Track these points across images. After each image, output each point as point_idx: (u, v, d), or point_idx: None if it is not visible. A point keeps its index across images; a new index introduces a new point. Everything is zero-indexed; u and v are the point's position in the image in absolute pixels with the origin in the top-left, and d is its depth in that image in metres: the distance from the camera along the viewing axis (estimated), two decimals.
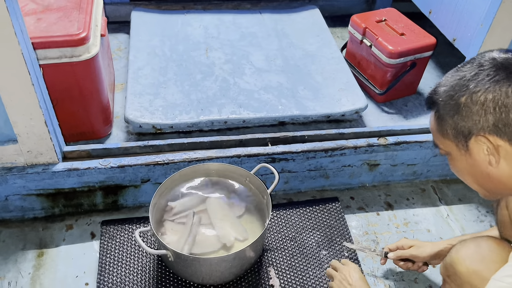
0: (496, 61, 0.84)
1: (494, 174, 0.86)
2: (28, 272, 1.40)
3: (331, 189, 1.72)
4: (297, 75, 2.00)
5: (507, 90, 0.80)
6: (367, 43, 2.00)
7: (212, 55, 2.06)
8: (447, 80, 0.89)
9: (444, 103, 0.88)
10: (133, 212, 1.59)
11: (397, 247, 1.36)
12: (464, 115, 0.84)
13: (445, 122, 0.88)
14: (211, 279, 1.34)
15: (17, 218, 1.54)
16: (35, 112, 1.29)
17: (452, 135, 0.88)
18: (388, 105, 2.06)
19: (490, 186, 0.90)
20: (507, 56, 0.85)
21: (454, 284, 1.03)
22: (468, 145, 0.86)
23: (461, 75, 0.86)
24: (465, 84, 0.84)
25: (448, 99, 0.87)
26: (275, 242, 1.50)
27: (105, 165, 1.45)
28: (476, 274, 0.97)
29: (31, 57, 1.25)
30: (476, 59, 0.87)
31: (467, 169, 0.90)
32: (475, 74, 0.84)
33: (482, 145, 0.84)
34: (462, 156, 0.89)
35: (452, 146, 0.90)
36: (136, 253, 1.44)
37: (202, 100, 1.83)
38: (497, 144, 0.83)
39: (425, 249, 1.30)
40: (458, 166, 0.92)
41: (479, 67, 0.85)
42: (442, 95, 0.88)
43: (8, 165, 1.41)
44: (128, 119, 1.72)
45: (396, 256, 1.34)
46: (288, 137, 1.62)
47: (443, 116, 0.88)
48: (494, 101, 0.81)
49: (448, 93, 0.87)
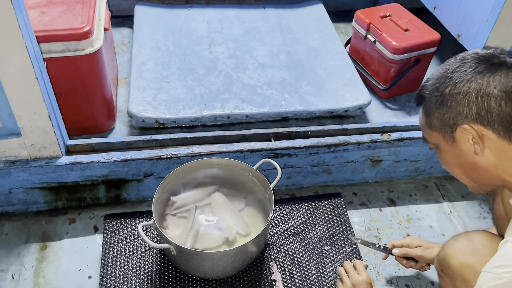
0: (478, 55, 0.89)
1: (480, 163, 0.89)
2: (31, 265, 1.41)
3: (333, 185, 1.72)
4: (301, 70, 1.99)
5: (488, 79, 0.84)
6: (371, 38, 2.00)
7: (216, 50, 2.06)
8: (433, 75, 0.93)
9: (430, 95, 0.92)
10: (136, 206, 1.59)
11: (402, 244, 1.34)
12: (449, 105, 0.88)
13: (432, 114, 0.92)
14: (213, 274, 1.34)
15: (21, 211, 1.54)
16: (39, 105, 1.30)
17: (438, 126, 0.91)
18: (391, 101, 2.06)
19: (477, 176, 0.92)
20: (489, 51, 0.89)
21: (448, 277, 1.04)
22: (454, 136, 0.90)
23: (446, 68, 0.91)
24: (449, 76, 0.89)
25: (434, 91, 0.91)
26: (277, 237, 1.50)
27: (108, 159, 1.46)
28: (468, 267, 0.98)
29: (35, 51, 1.25)
30: (461, 54, 0.92)
31: (455, 160, 0.93)
32: (458, 67, 0.88)
33: (467, 134, 0.87)
34: (449, 147, 0.92)
35: (439, 138, 0.93)
36: (139, 247, 1.44)
37: (205, 95, 1.82)
38: (481, 133, 0.86)
39: (433, 250, 1.27)
40: (446, 158, 0.96)
41: (462, 60, 0.89)
42: (428, 88, 0.92)
43: (11, 158, 1.41)
44: (131, 114, 1.72)
45: (401, 254, 1.32)
46: (291, 133, 1.62)
47: (430, 109, 0.92)
48: (476, 91, 0.85)
49: (434, 86, 0.91)
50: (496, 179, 0.90)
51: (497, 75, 0.85)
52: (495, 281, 0.79)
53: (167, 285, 1.35)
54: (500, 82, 0.84)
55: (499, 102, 0.83)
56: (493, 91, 0.84)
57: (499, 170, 0.88)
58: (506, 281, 0.77)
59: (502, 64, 0.86)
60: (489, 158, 0.87)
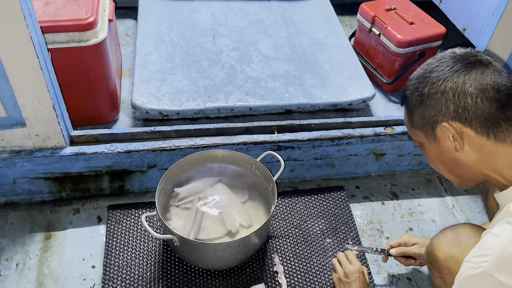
0: (455, 54, 0.92)
1: (461, 159, 0.91)
2: (35, 254, 1.42)
3: (336, 178, 1.73)
4: (305, 63, 1.99)
5: (464, 78, 0.87)
6: (375, 31, 1.99)
7: (220, 42, 2.06)
8: (414, 75, 0.96)
9: (411, 95, 0.94)
10: (139, 197, 1.60)
11: (399, 243, 1.36)
12: (428, 104, 0.91)
13: (414, 113, 0.94)
14: (216, 264, 1.35)
15: (25, 201, 1.55)
16: (44, 96, 1.30)
17: (420, 125, 0.94)
18: (395, 94, 2.05)
19: (460, 172, 0.95)
20: (466, 51, 0.92)
21: (435, 269, 1.06)
22: (435, 133, 0.92)
23: (425, 68, 0.93)
24: (427, 75, 0.91)
25: (414, 91, 0.93)
26: (280, 229, 1.51)
27: (112, 150, 1.46)
28: (452, 259, 1.01)
29: (39, 41, 1.25)
30: (439, 54, 0.94)
31: (438, 157, 0.96)
32: (436, 66, 0.91)
33: (447, 132, 0.90)
34: (432, 144, 0.95)
35: (422, 136, 0.96)
36: (142, 238, 1.45)
37: (209, 87, 1.82)
38: (460, 130, 0.88)
39: None
40: (429, 155, 0.98)
41: (440, 59, 0.92)
42: (410, 88, 0.95)
43: (16, 149, 1.42)
44: (135, 105, 1.73)
45: (399, 253, 1.35)
46: (294, 125, 1.62)
47: (412, 108, 0.95)
48: (453, 89, 0.87)
49: (414, 86, 0.94)
50: (477, 175, 0.93)
51: (472, 73, 0.87)
52: (473, 270, 0.81)
53: (170, 275, 1.36)
54: (476, 80, 0.86)
55: (475, 100, 0.86)
56: (469, 89, 0.86)
57: (479, 166, 0.91)
58: (483, 271, 0.79)
59: (478, 62, 0.89)
60: (469, 154, 0.90)
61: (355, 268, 1.24)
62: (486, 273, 0.79)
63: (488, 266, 0.79)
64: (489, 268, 0.79)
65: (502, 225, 0.85)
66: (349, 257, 1.29)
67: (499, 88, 0.86)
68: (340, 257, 1.31)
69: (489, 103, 0.86)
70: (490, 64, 0.89)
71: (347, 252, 1.31)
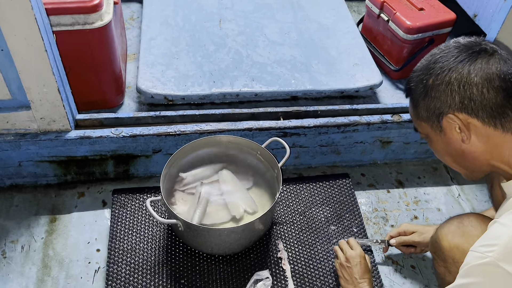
0: (459, 43, 0.90)
1: (467, 150, 0.90)
2: (41, 236, 1.43)
3: (342, 165, 1.72)
4: (312, 49, 1.96)
5: (469, 68, 0.85)
6: (384, 17, 1.95)
7: (225, 27, 2.03)
8: (418, 66, 0.94)
9: (415, 87, 0.93)
10: (144, 182, 1.60)
11: (398, 233, 1.38)
12: (433, 96, 0.89)
13: (419, 105, 0.93)
14: (220, 250, 1.35)
15: (30, 184, 1.56)
16: (48, 78, 1.29)
17: (425, 117, 0.93)
18: (403, 82, 2.03)
19: (467, 163, 0.94)
20: (470, 40, 0.90)
21: (440, 259, 1.06)
22: (441, 125, 0.91)
23: (429, 59, 0.92)
24: (432, 66, 0.90)
25: (419, 83, 0.92)
26: (284, 216, 1.51)
27: (117, 134, 1.46)
28: (457, 248, 1.00)
29: (44, 23, 1.24)
30: (443, 44, 0.93)
31: (444, 149, 0.94)
32: (440, 57, 0.89)
33: (453, 123, 0.88)
34: (438, 136, 0.93)
35: (427, 128, 0.95)
36: (147, 222, 1.46)
37: (214, 72, 1.81)
38: (466, 121, 0.87)
39: (428, 235, 1.31)
40: (436, 147, 0.97)
41: (444, 50, 0.90)
42: (414, 80, 0.94)
43: (21, 131, 1.42)
44: (140, 89, 1.72)
45: (399, 243, 1.36)
46: (300, 112, 1.60)
47: (417, 100, 0.93)
48: (458, 80, 0.86)
49: (418, 77, 0.92)
50: (485, 165, 0.92)
51: (477, 63, 0.85)
52: (479, 260, 0.80)
53: (174, 260, 1.37)
54: (481, 69, 0.85)
55: (480, 90, 0.84)
56: (474, 79, 0.85)
57: (486, 156, 0.90)
58: (490, 261, 0.78)
59: (482, 51, 0.87)
60: (476, 145, 0.89)
61: (356, 253, 1.26)
62: (493, 263, 0.78)
63: (495, 256, 0.78)
64: (495, 258, 0.78)
65: (509, 215, 0.85)
66: (350, 243, 1.31)
67: (505, 77, 0.85)
68: (341, 243, 1.32)
69: (495, 92, 0.84)
70: (495, 52, 0.87)
71: (349, 239, 1.33)
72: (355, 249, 1.28)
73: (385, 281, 1.38)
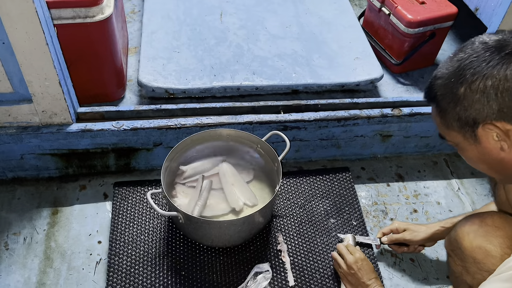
0: (488, 45, 0.82)
1: (507, 158, 0.84)
2: (43, 229, 1.44)
3: (342, 159, 1.72)
4: (313, 43, 1.96)
5: (505, 73, 0.77)
6: (385, 11, 1.95)
7: (227, 20, 2.03)
8: (442, 72, 0.86)
9: (443, 96, 0.85)
10: (145, 175, 1.61)
11: (390, 230, 1.37)
12: (466, 105, 0.82)
13: (448, 114, 0.86)
14: (220, 242, 1.37)
15: (32, 177, 1.57)
16: (50, 72, 1.30)
17: (457, 126, 0.86)
18: (404, 76, 2.03)
19: (506, 170, 0.88)
20: (498, 38, 0.82)
21: (457, 258, 1.03)
22: (476, 134, 0.84)
23: (456, 65, 0.83)
24: (462, 73, 0.82)
25: (447, 92, 0.84)
26: (284, 209, 1.52)
27: (118, 127, 1.46)
28: (479, 249, 0.97)
29: (45, 16, 1.24)
30: (467, 47, 0.84)
31: (479, 157, 0.88)
32: (469, 63, 0.81)
33: (491, 132, 0.82)
34: (472, 145, 0.87)
35: (459, 137, 0.88)
36: (148, 215, 1.47)
37: (215, 65, 1.81)
38: (505, 129, 0.81)
39: (419, 233, 1.31)
40: (468, 156, 0.91)
41: (473, 54, 0.82)
42: (440, 88, 0.86)
43: (23, 124, 1.43)
44: (141, 83, 1.72)
45: (390, 241, 1.36)
46: (301, 105, 1.61)
47: (445, 109, 0.86)
48: (494, 87, 0.78)
49: (446, 85, 0.84)
50: None
51: None
52: None
53: (174, 252, 1.38)
54: None
55: None
56: None
57: None
58: None
59: None
60: None
61: (356, 257, 1.24)
62: None
63: None
64: None
65: None
66: (349, 249, 1.29)
67: None
68: (340, 248, 1.30)
69: None
70: None
71: (346, 244, 1.32)
72: (355, 253, 1.26)
73: (384, 274, 1.39)
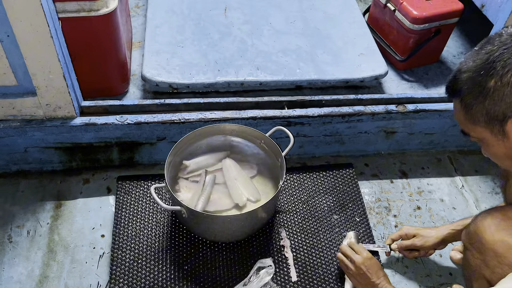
0: None
1: None
2: (46, 222, 1.44)
3: (346, 155, 1.72)
4: (317, 38, 1.95)
5: None
6: (391, 7, 1.94)
7: (231, 15, 2.02)
8: (468, 65, 0.84)
9: (470, 89, 0.83)
10: (149, 169, 1.61)
11: (399, 236, 1.36)
12: (496, 99, 0.80)
13: (474, 109, 0.84)
14: (223, 237, 1.37)
15: (36, 170, 1.57)
16: (54, 65, 1.30)
17: (484, 121, 0.84)
18: (408, 72, 2.02)
19: None
20: None
21: (476, 251, 1.01)
22: (504, 129, 0.83)
23: (484, 57, 0.82)
24: (491, 66, 0.80)
25: (475, 85, 0.82)
26: (287, 205, 1.52)
27: (122, 121, 1.46)
28: (501, 242, 0.95)
29: (50, 9, 1.24)
30: (495, 39, 0.82)
31: (506, 153, 0.87)
32: (499, 55, 0.79)
33: None
34: (499, 141, 0.86)
35: (485, 133, 0.86)
36: (151, 209, 1.47)
37: (219, 60, 1.81)
38: None
39: (429, 239, 1.29)
40: (495, 152, 0.89)
41: (502, 46, 0.80)
42: (466, 82, 0.84)
43: (27, 118, 1.43)
44: (145, 77, 1.72)
45: (400, 248, 1.35)
46: (305, 101, 1.60)
47: (471, 103, 0.84)
48: None
49: (473, 79, 0.83)
50: None
51: None
52: None
53: (177, 246, 1.38)
54: None
55: None
56: None
57: None
58: None
59: None
60: None
61: (363, 257, 1.23)
62: None
63: None
64: None
65: None
66: (354, 248, 1.28)
67: None
68: (345, 250, 1.28)
69: None
70: None
71: (350, 243, 1.30)
72: (361, 253, 1.24)
73: (387, 270, 1.38)
